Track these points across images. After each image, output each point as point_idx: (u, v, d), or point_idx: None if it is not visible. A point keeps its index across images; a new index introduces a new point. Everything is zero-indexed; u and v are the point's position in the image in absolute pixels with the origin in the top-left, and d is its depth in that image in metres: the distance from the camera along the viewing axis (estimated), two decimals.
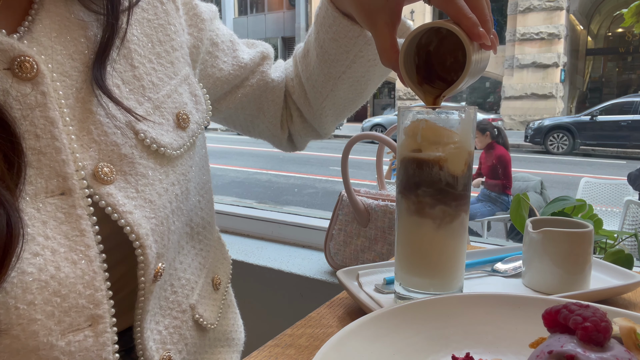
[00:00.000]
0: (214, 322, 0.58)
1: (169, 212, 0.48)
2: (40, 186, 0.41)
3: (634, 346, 0.32)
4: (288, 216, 1.38)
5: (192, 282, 0.54)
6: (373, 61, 0.62)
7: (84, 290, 0.41)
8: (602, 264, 0.65)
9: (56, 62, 0.43)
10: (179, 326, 0.52)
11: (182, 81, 0.54)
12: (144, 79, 0.49)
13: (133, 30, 0.49)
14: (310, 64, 0.65)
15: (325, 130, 0.74)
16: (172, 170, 0.50)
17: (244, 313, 0.72)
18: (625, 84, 18.08)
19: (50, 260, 0.40)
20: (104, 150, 0.45)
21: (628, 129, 9.92)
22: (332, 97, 0.66)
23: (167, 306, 0.51)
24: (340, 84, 0.64)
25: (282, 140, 0.75)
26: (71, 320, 0.41)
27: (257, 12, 22.43)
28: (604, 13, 17.83)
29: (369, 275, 0.62)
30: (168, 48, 0.52)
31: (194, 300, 0.54)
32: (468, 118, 0.50)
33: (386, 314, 0.42)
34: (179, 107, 0.52)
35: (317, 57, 0.63)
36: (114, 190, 0.44)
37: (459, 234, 0.51)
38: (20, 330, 0.38)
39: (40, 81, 0.41)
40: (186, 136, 0.52)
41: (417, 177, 0.50)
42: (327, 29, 0.60)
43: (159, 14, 0.52)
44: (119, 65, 0.47)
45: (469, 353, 0.40)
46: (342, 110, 0.69)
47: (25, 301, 0.39)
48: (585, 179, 3.67)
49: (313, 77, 0.65)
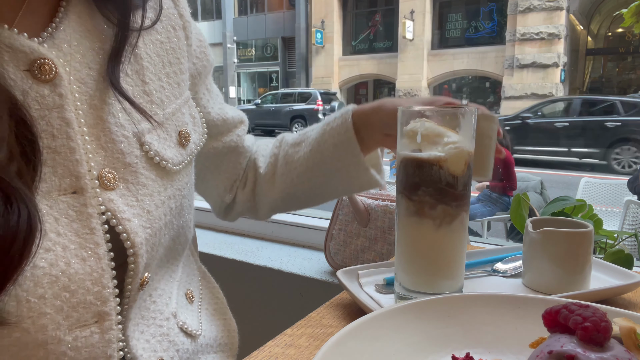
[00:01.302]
0: (198, 329, 0.59)
1: (163, 224, 0.50)
2: (53, 184, 0.42)
3: (634, 346, 0.32)
4: (288, 216, 1.38)
5: (167, 292, 0.55)
6: (349, 180, 0.68)
7: (92, 287, 0.42)
8: (602, 264, 0.65)
9: (74, 68, 0.45)
10: (166, 333, 0.53)
11: (185, 102, 0.57)
12: (153, 95, 0.51)
13: (147, 50, 0.52)
14: (298, 153, 0.69)
15: (266, 213, 0.77)
16: (170, 185, 0.52)
17: (244, 313, 0.72)
18: (625, 84, 18.07)
19: (61, 256, 0.41)
20: (109, 157, 0.46)
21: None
22: (298, 190, 0.70)
23: (149, 315, 0.52)
24: (313, 182, 0.69)
25: (221, 205, 0.77)
26: (78, 316, 0.42)
27: (257, 12, 22.43)
28: (604, 13, 17.83)
29: (369, 275, 0.62)
30: (176, 70, 0.56)
31: (174, 308, 0.55)
32: (468, 118, 0.50)
33: (386, 314, 0.42)
34: (182, 125, 0.55)
35: (309, 151, 0.68)
36: (115, 197, 0.46)
37: (459, 234, 0.51)
38: (31, 323, 0.39)
39: (58, 83, 0.43)
40: (185, 154, 0.54)
41: (417, 177, 0.50)
42: (335, 135, 0.65)
43: (172, 38, 0.56)
44: (131, 79, 0.50)
45: (469, 353, 0.40)
46: (294, 204, 0.74)
47: (36, 294, 0.40)
48: (585, 179, 3.67)
49: (294, 164, 0.69)
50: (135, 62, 0.50)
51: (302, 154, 0.69)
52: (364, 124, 0.64)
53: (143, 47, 0.51)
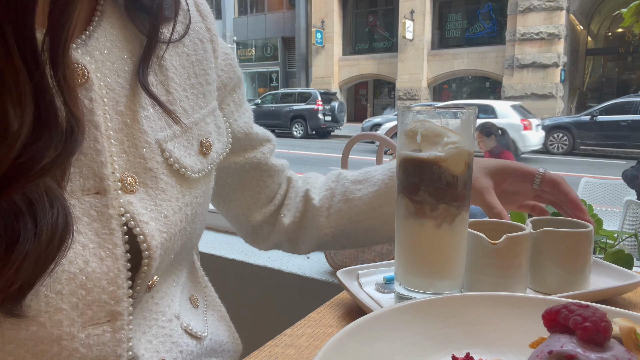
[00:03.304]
0: (204, 331, 0.59)
1: (178, 230, 0.51)
2: (78, 184, 0.43)
3: (634, 346, 0.32)
4: None
5: (169, 294, 0.55)
6: None
7: (107, 286, 0.43)
8: (602, 264, 0.65)
9: (104, 75, 0.47)
10: (169, 334, 0.53)
11: (210, 113, 0.58)
12: (176, 104, 0.53)
13: (173, 61, 0.53)
14: (360, 191, 0.70)
15: (308, 247, 0.75)
16: (189, 192, 0.53)
17: (243, 313, 0.72)
18: (625, 84, 18.07)
19: (80, 254, 0.42)
20: (131, 161, 0.47)
21: (628, 129, 9.92)
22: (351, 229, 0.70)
23: (150, 317, 0.52)
24: (371, 222, 0.69)
25: (247, 228, 0.76)
26: (92, 314, 0.43)
27: (257, 12, 22.43)
28: (604, 13, 17.83)
29: (369, 275, 0.62)
30: (202, 81, 0.57)
31: (177, 310, 0.55)
32: (468, 118, 0.50)
33: (386, 314, 0.42)
34: (204, 135, 0.56)
35: (375, 192, 0.69)
36: (134, 200, 0.47)
37: (460, 233, 0.51)
38: (47, 318, 0.40)
39: (90, 88, 0.45)
40: (206, 162, 0.55)
41: (417, 177, 0.50)
42: None
43: (198, 50, 0.57)
44: (156, 89, 0.51)
45: (469, 353, 0.40)
46: (339, 242, 0.73)
47: (54, 290, 0.40)
48: (585, 179, 3.67)
49: (354, 202, 0.70)
50: (161, 73, 0.52)
51: (367, 193, 0.69)
52: None
53: (169, 58, 0.53)
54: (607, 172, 7.29)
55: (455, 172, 0.49)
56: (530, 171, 0.67)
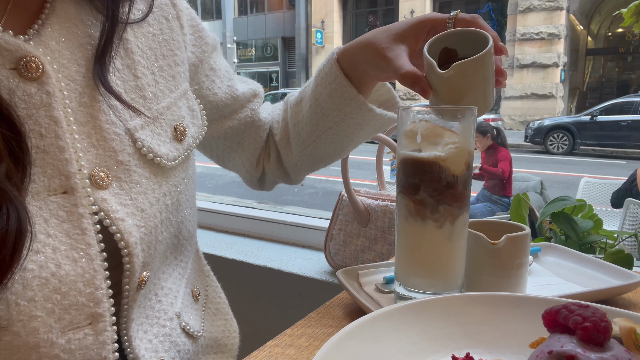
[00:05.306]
0: (199, 330, 0.59)
1: (159, 222, 0.49)
2: (42, 184, 0.41)
3: (634, 346, 0.32)
4: (288, 216, 1.38)
5: (174, 291, 0.55)
6: (359, 125, 0.64)
7: (84, 289, 0.42)
8: (602, 264, 0.65)
9: (62, 66, 0.44)
10: (168, 334, 0.53)
11: (182, 95, 0.55)
12: (145, 90, 0.50)
13: (138, 43, 0.51)
14: (301, 112, 0.67)
15: (297, 177, 0.76)
16: (165, 181, 0.51)
17: (243, 313, 0.72)
18: (625, 84, 18.07)
19: (51, 258, 0.41)
20: (101, 155, 0.45)
21: (628, 129, 9.91)
22: (313, 148, 0.68)
23: (153, 315, 0.51)
24: (324, 138, 0.66)
25: (253, 178, 0.77)
26: (71, 318, 0.41)
27: (257, 12, 22.42)
28: (604, 13, 17.82)
29: (369, 275, 0.62)
30: (170, 62, 0.54)
31: (178, 308, 0.55)
32: (468, 118, 0.50)
33: (386, 314, 0.42)
34: (177, 119, 0.53)
35: (309, 108, 0.65)
36: (108, 196, 0.45)
37: (459, 234, 0.51)
38: (21, 326, 0.39)
39: (46, 81, 0.42)
40: (182, 148, 0.53)
41: (417, 177, 0.50)
42: (327, 85, 0.62)
43: (164, 29, 0.54)
44: (123, 75, 0.48)
45: (469, 353, 0.40)
46: (318, 162, 0.72)
47: (25, 297, 0.39)
48: (585, 179, 3.67)
49: (300, 125, 0.67)
50: (126, 56, 0.49)
51: (305, 113, 0.66)
52: (353, 65, 0.60)
53: (134, 40, 0.50)
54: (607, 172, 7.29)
55: (455, 172, 0.49)
56: (440, 19, 0.57)
